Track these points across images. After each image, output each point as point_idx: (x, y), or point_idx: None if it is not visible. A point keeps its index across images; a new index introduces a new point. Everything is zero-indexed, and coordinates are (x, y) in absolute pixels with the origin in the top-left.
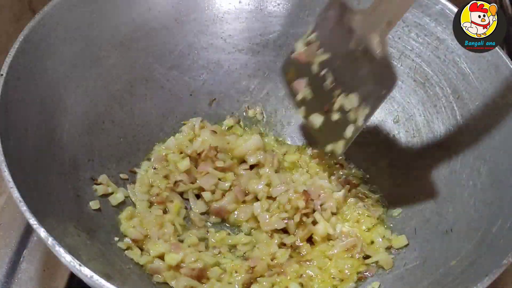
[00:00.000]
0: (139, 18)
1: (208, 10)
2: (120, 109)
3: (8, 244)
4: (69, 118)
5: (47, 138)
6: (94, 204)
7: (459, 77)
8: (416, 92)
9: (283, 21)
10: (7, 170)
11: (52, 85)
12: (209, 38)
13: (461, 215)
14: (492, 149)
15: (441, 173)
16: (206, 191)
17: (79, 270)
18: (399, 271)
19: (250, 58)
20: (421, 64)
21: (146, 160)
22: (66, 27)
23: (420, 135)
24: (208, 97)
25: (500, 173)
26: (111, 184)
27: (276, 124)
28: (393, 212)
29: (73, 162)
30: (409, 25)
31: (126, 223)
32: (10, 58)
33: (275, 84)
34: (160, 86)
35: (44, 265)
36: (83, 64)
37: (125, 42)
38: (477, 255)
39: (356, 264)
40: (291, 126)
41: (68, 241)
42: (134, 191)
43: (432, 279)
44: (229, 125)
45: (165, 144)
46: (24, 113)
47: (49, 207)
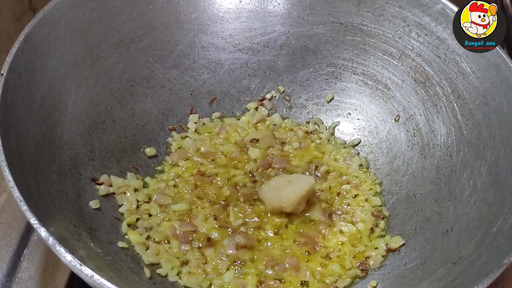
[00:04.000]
0: (140, 17)
1: (209, 9)
2: (120, 108)
3: (9, 243)
4: (69, 117)
5: (48, 138)
6: (94, 203)
7: (459, 76)
8: (416, 92)
9: (284, 21)
10: (8, 169)
11: (53, 84)
12: (209, 37)
13: (461, 215)
14: (493, 149)
15: (442, 172)
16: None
17: (79, 269)
18: (399, 270)
19: (251, 58)
20: (421, 63)
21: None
22: (66, 27)
23: (421, 135)
24: (209, 97)
25: (501, 173)
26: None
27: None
28: (393, 213)
29: (74, 161)
30: (409, 24)
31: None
32: (11, 57)
33: (275, 83)
34: (161, 86)
35: (44, 264)
36: (83, 64)
37: (125, 41)
38: (478, 254)
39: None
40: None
41: (69, 240)
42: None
43: (433, 278)
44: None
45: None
46: (25, 112)
47: (49, 206)
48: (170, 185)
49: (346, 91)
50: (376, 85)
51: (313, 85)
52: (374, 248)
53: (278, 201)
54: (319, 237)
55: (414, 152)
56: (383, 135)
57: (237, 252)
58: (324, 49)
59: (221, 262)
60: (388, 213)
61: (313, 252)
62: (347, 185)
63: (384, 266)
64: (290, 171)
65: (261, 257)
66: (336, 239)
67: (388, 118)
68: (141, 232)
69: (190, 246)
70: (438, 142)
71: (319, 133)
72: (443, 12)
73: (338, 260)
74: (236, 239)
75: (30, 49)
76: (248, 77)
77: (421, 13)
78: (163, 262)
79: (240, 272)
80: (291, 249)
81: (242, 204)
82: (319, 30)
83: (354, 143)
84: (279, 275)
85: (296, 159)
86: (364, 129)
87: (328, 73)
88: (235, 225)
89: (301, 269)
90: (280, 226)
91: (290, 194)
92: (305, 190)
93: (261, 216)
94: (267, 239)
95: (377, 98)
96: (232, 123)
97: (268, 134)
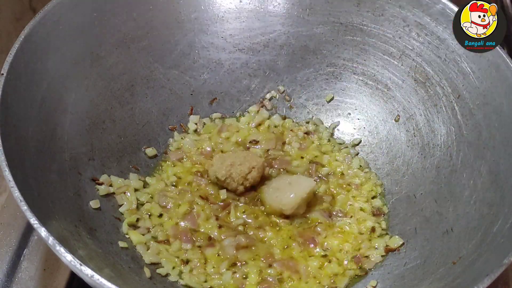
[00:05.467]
0: (140, 17)
1: (209, 9)
2: (120, 108)
3: (9, 243)
4: (69, 117)
5: (48, 138)
6: (94, 203)
7: (459, 76)
8: (416, 92)
9: (284, 21)
10: (8, 169)
11: (53, 84)
12: (209, 37)
13: (462, 215)
14: (493, 149)
15: (442, 172)
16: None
17: (79, 269)
18: (400, 270)
19: (251, 57)
20: (421, 63)
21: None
22: (66, 26)
23: (421, 134)
24: (209, 97)
25: (501, 173)
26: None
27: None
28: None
29: (74, 161)
30: (409, 24)
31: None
32: (11, 57)
33: (275, 83)
34: (161, 86)
35: (44, 264)
36: (83, 63)
37: (125, 41)
38: (478, 254)
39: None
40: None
41: (69, 240)
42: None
43: (433, 278)
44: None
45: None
46: (25, 112)
47: (49, 206)
48: (170, 185)
49: (346, 91)
50: (376, 85)
51: (313, 85)
52: (374, 248)
53: (279, 203)
54: (319, 237)
55: (414, 152)
56: (383, 135)
57: (237, 252)
58: (324, 49)
59: (221, 262)
60: (388, 213)
61: (313, 252)
62: (347, 186)
63: (384, 266)
64: (290, 171)
65: (261, 257)
66: (336, 239)
67: (388, 118)
68: (142, 232)
69: (191, 246)
70: (438, 142)
71: (319, 133)
72: (443, 12)
73: (338, 260)
74: (236, 239)
75: (30, 49)
76: (248, 77)
77: (421, 13)
78: (164, 262)
79: (240, 272)
80: (291, 249)
81: (243, 204)
82: (319, 30)
83: (354, 143)
84: (279, 275)
85: (296, 159)
86: (364, 129)
87: (328, 73)
88: (235, 224)
89: (301, 269)
90: (280, 226)
91: (291, 198)
92: (305, 193)
93: (261, 216)
94: (267, 239)
95: (377, 98)
96: (233, 123)
97: (269, 137)
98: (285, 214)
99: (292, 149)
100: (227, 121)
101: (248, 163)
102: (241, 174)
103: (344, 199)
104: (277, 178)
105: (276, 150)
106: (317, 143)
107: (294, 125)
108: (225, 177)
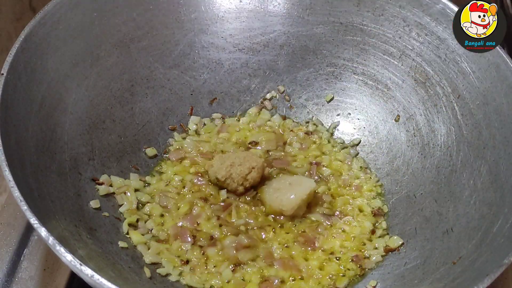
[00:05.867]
0: (140, 17)
1: (209, 9)
2: (120, 108)
3: (9, 243)
4: (69, 117)
5: (48, 138)
6: (94, 203)
7: (459, 76)
8: (416, 92)
9: (284, 21)
10: (8, 169)
11: (53, 84)
12: (209, 37)
13: (461, 215)
14: (493, 149)
15: (442, 172)
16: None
17: (79, 269)
18: (400, 270)
19: (251, 57)
20: (421, 63)
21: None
22: (66, 26)
23: (421, 134)
24: (209, 96)
25: (501, 173)
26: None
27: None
28: (393, 213)
29: (74, 161)
30: (409, 24)
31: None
32: (11, 57)
33: (275, 83)
34: (161, 86)
35: (44, 264)
36: (83, 63)
37: (125, 41)
38: (478, 254)
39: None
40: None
41: (69, 240)
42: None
43: (433, 278)
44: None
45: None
46: (25, 112)
47: (49, 206)
48: (171, 185)
49: (346, 91)
50: (376, 85)
51: (313, 85)
52: (374, 248)
53: (279, 204)
54: (319, 238)
55: (414, 152)
56: (383, 135)
57: (238, 252)
58: (324, 49)
59: (222, 262)
60: (388, 213)
61: (313, 252)
62: (348, 186)
63: (384, 266)
64: (291, 172)
65: (261, 257)
66: (336, 239)
67: (388, 118)
68: (142, 232)
69: (191, 245)
70: (438, 142)
71: (319, 133)
72: (443, 12)
73: (338, 260)
74: (237, 239)
75: (30, 49)
76: (248, 77)
77: (421, 13)
78: (165, 262)
79: (241, 272)
80: (291, 249)
81: (243, 204)
82: (319, 30)
83: (354, 143)
84: (279, 275)
85: (297, 160)
86: (364, 129)
87: (328, 73)
88: (236, 225)
89: (301, 269)
90: (280, 227)
91: (291, 198)
92: (306, 194)
93: (261, 216)
94: (267, 239)
95: (377, 98)
96: (233, 123)
97: (269, 137)
98: (285, 214)
99: (293, 150)
100: (227, 121)
101: (248, 164)
102: (241, 174)
103: (344, 200)
104: (277, 178)
105: (277, 150)
106: (318, 143)
107: (294, 125)
108: (225, 177)
